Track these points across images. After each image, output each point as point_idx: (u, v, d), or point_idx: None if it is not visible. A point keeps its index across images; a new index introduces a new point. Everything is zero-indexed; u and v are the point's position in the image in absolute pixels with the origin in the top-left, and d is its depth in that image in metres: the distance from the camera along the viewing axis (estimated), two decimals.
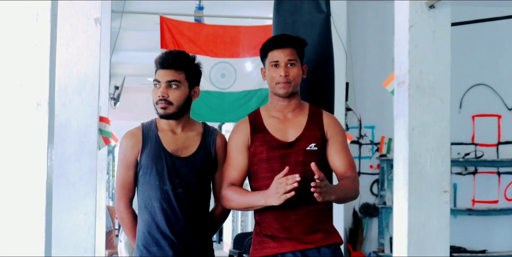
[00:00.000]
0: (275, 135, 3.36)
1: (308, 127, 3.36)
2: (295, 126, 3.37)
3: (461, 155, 8.08)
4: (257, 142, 3.37)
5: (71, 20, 4.81)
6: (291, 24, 4.18)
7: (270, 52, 3.40)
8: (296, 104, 3.42)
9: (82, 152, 4.78)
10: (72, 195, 4.76)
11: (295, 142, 3.33)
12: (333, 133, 3.38)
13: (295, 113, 3.41)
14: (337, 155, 3.36)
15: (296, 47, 3.41)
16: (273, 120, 3.40)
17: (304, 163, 3.29)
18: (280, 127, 3.38)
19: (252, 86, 7.65)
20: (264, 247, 3.32)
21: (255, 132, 3.39)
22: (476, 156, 8.12)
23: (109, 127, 6.00)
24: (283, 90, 3.35)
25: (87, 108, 4.82)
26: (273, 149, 3.33)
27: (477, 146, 8.18)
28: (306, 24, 4.17)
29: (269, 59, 3.39)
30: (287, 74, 3.34)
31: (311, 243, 3.29)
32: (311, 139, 3.34)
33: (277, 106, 3.41)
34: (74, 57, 4.83)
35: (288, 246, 3.29)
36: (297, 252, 3.28)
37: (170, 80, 3.39)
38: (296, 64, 3.38)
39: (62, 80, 4.77)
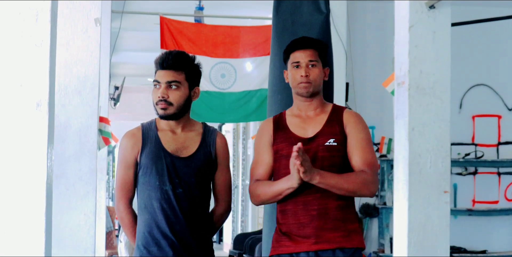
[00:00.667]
0: (295, 131, 3.41)
1: (327, 124, 3.40)
2: (315, 124, 3.42)
3: (461, 155, 8.08)
4: (278, 139, 3.42)
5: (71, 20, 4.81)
6: (291, 25, 4.18)
7: (292, 53, 3.45)
8: (318, 103, 3.46)
9: (82, 152, 4.78)
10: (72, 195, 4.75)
11: (314, 138, 3.37)
12: (352, 129, 3.38)
13: (317, 112, 3.45)
14: (354, 151, 3.35)
15: (318, 49, 3.46)
16: (295, 119, 3.46)
17: (323, 159, 3.33)
18: (301, 125, 3.43)
19: (252, 86, 7.65)
20: (281, 245, 3.34)
21: (277, 129, 3.45)
22: (476, 156, 8.12)
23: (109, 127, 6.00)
24: (304, 90, 3.40)
25: (87, 108, 4.82)
26: (293, 145, 3.35)
27: (477, 146, 8.18)
28: (305, 25, 4.17)
29: (291, 60, 3.45)
30: (307, 75, 3.39)
31: (326, 242, 3.27)
32: (330, 134, 3.37)
33: (300, 106, 3.47)
34: (74, 58, 4.83)
35: (302, 246, 3.30)
36: (311, 253, 3.29)
37: (170, 81, 3.39)
38: (317, 65, 3.43)
39: (62, 81, 4.77)
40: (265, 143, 3.46)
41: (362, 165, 3.33)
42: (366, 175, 3.30)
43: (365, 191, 3.31)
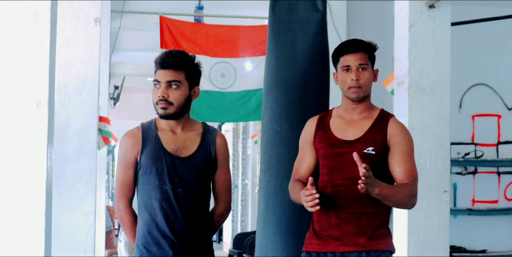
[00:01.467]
0: (336, 133, 3.39)
1: (370, 131, 3.36)
2: (357, 128, 3.39)
3: (461, 154, 8.07)
4: (317, 138, 3.42)
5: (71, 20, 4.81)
6: (287, 23, 4.17)
7: (342, 57, 3.41)
8: (365, 107, 3.42)
9: (81, 152, 4.79)
10: (72, 195, 4.76)
11: (353, 142, 3.34)
12: (396, 141, 3.34)
13: (362, 116, 3.42)
14: (397, 164, 3.32)
15: (367, 51, 3.44)
16: (339, 120, 3.44)
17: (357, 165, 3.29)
18: (343, 127, 3.41)
19: (252, 86, 7.65)
20: (311, 242, 3.37)
21: (319, 129, 3.44)
22: (476, 156, 8.12)
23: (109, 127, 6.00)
24: (354, 94, 3.37)
25: (87, 108, 4.82)
26: (331, 146, 3.36)
27: (477, 145, 8.17)
28: (302, 23, 4.17)
29: (341, 64, 3.41)
30: (358, 78, 3.36)
31: (353, 245, 3.28)
32: (371, 142, 3.33)
33: (346, 108, 3.44)
34: (74, 57, 4.83)
35: (330, 246, 3.31)
36: (337, 253, 3.30)
37: (170, 81, 3.39)
38: (367, 69, 3.40)
39: (62, 80, 4.78)
40: (307, 141, 3.46)
41: (406, 177, 3.29)
42: (412, 188, 3.27)
43: (409, 203, 3.30)
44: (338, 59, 3.43)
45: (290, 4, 4.18)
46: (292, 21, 4.16)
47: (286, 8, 4.19)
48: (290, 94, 4.13)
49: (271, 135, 4.15)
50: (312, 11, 4.17)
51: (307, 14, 4.17)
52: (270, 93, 4.21)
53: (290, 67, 4.14)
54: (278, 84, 4.17)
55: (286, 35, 4.16)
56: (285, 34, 4.16)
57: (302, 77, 4.08)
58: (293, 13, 4.18)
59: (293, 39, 4.14)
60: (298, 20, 4.16)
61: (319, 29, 4.16)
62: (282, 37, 4.17)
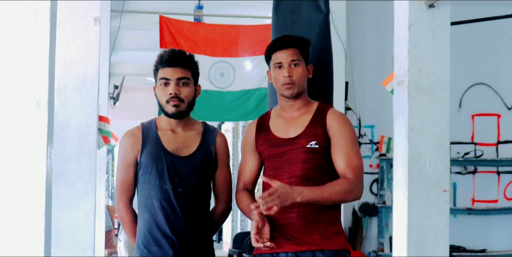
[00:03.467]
0: (277, 133, 3.37)
1: (310, 125, 3.34)
2: (297, 124, 3.37)
3: (460, 154, 8.08)
4: (260, 141, 3.40)
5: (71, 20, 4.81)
6: (290, 24, 4.17)
7: (274, 54, 3.40)
8: (302, 103, 3.41)
9: (81, 151, 4.78)
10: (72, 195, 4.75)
11: (295, 139, 3.32)
12: (335, 131, 3.32)
13: (301, 112, 3.40)
14: (338, 155, 3.30)
15: (299, 47, 3.41)
16: (279, 120, 3.42)
17: (305, 160, 3.29)
18: (283, 126, 3.39)
19: (251, 85, 7.65)
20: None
21: (259, 131, 3.42)
22: (476, 155, 8.12)
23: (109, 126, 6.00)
24: (288, 91, 3.35)
25: (87, 107, 4.82)
26: (274, 147, 3.34)
27: (476, 145, 8.18)
28: (305, 24, 4.17)
29: (273, 61, 3.40)
30: (290, 75, 3.34)
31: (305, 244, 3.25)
32: (312, 136, 3.31)
33: (284, 106, 3.43)
34: (74, 57, 4.83)
35: (282, 247, 3.28)
36: (290, 253, 3.27)
37: (181, 78, 3.38)
38: (300, 64, 3.37)
39: (62, 80, 4.77)
40: (248, 147, 3.45)
41: (345, 169, 3.27)
42: (347, 182, 3.23)
43: (350, 197, 3.25)
44: (270, 57, 3.41)
45: (293, 5, 4.18)
46: (295, 22, 4.17)
47: (289, 9, 4.19)
48: None
49: None
50: (315, 12, 4.17)
51: (310, 15, 4.17)
52: (274, 95, 4.22)
53: None
54: None
55: None
56: None
57: None
58: (297, 14, 4.18)
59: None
60: (301, 21, 4.17)
61: (323, 30, 4.17)
62: None
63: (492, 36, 8.17)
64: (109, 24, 8.03)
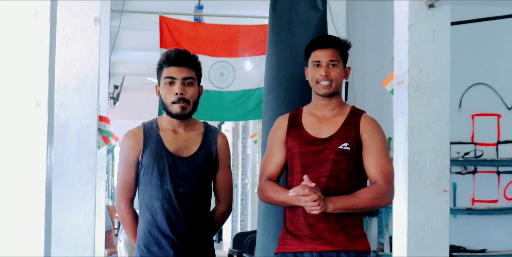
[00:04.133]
0: (309, 131, 3.39)
1: (343, 127, 3.37)
2: (330, 125, 3.39)
3: (460, 154, 8.07)
4: (291, 137, 3.40)
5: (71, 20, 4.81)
6: (287, 23, 4.17)
7: (313, 52, 3.41)
8: (336, 104, 3.43)
9: (81, 151, 4.78)
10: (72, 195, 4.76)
11: (328, 140, 3.35)
12: (367, 137, 3.35)
13: (334, 113, 3.42)
14: (368, 160, 3.34)
15: (339, 48, 3.44)
16: (311, 118, 3.43)
17: (335, 161, 3.31)
18: (316, 125, 3.40)
19: (251, 85, 7.65)
20: (286, 243, 3.35)
21: (291, 127, 3.43)
22: (476, 155, 8.11)
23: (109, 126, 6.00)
24: (323, 90, 3.38)
25: (87, 107, 4.82)
26: (306, 144, 3.35)
27: (476, 145, 8.17)
28: (302, 23, 4.17)
29: (311, 59, 3.41)
30: (327, 74, 3.36)
31: (331, 244, 3.27)
32: (345, 138, 3.34)
33: (317, 105, 3.44)
34: (74, 57, 4.83)
35: (307, 246, 3.30)
36: (315, 253, 3.29)
37: (187, 77, 3.37)
38: (338, 65, 3.40)
39: (62, 80, 4.78)
40: (277, 140, 3.45)
41: (377, 175, 3.31)
42: (378, 188, 3.27)
43: (381, 203, 3.30)
44: (309, 54, 3.44)
45: (290, 4, 4.18)
46: (292, 21, 4.17)
47: (286, 8, 4.19)
48: (291, 94, 4.14)
49: None
50: (312, 11, 4.17)
51: (307, 14, 4.17)
52: (270, 93, 4.22)
53: (290, 67, 4.15)
54: (279, 84, 4.17)
55: (287, 35, 4.16)
56: (286, 34, 4.16)
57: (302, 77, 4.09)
58: (293, 13, 4.18)
59: (294, 39, 4.15)
60: (298, 20, 4.17)
61: (319, 29, 4.17)
62: (282, 37, 4.17)
63: (492, 36, 8.17)
64: (109, 24, 8.03)
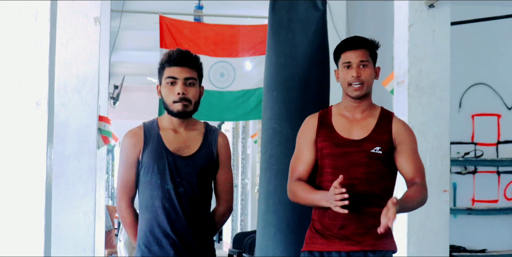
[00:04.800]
0: (340, 132, 3.37)
1: (376, 130, 3.37)
2: (362, 127, 3.38)
3: (460, 154, 8.07)
4: (321, 137, 3.39)
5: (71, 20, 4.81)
6: (287, 22, 4.17)
7: (343, 53, 3.40)
8: (367, 105, 3.42)
9: (81, 151, 4.79)
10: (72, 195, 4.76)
11: (360, 142, 3.34)
12: (402, 140, 3.37)
13: (365, 114, 3.41)
14: (406, 161, 3.36)
15: (369, 49, 3.42)
16: (341, 119, 3.42)
17: (367, 164, 3.32)
18: (346, 126, 3.39)
19: (251, 85, 7.65)
20: (314, 242, 3.35)
21: (322, 127, 3.41)
22: (476, 155, 8.11)
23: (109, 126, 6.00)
24: (356, 92, 3.36)
25: (87, 107, 4.82)
26: (337, 146, 3.35)
27: (476, 145, 8.17)
28: (301, 22, 4.17)
29: (342, 60, 3.40)
30: (359, 75, 3.34)
31: (359, 245, 3.28)
32: (378, 142, 3.34)
33: (348, 106, 3.42)
34: (74, 57, 4.83)
35: (335, 245, 3.30)
36: (343, 253, 3.29)
37: (188, 78, 3.37)
38: (369, 66, 3.38)
39: (62, 80, 4.78)
40: (307, 140, 3.42)
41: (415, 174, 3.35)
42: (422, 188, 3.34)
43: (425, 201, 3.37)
44: (339, 56, 3.41)
45: (290, 3, 4.18)
46: (292, 20, 4.16)
47: (286, 8, 4.19)
48: (290, 93, 4.14)
49: (271, 134, 4.15)
50: (312, 10, 4.17)
51: (307, 13, 4.17)
52: (270, 93, 4.22)
53: (290, 66, 4.14)
54: (278, 83, 4.17)
55: (286, 34, 4.16)
56: (285, 34, 4.16)
57: (302, 76, 4.09)
58: (293, 12, 4.18)
59: (293, 39, 4.14)
60: (298, 19, 4.16)
61: (319, 28, 4.16)
62: (282, 36, 4.17)
63: (492, 36, 8.17)
64: (109, 24, 8.03)
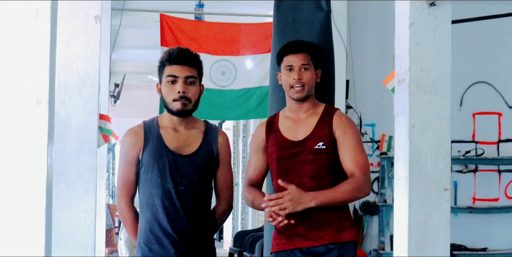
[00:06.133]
0: (286, 135, 3.49)
1: (317, 127, 3.47)
2: (305, 126, 3.49)
3: (461, 152, 8.07)
4: (270, 142, 3.52)
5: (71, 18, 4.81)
6: (292, 23, 4.17)
7: (285, 57, 3.53)
8: (310, 105, 3.53)
9: (82, 150, 4.78)
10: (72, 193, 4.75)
11: (304, 141, 3.44)
12: (341, 133, 3.45)
13: (308, 114, 3.52)
14: (345, 155, 3.44)
15: (310, 52, 3.55)
16: (287, 121, 3.53)
17: (313, 161, 3.42)
18: (292, 128, 3.51)
19: (252, 84, 7.65)
20: (277, 242, 3.46)
21: (270, 133, 3.54)
22: (477, 154, 8.11)
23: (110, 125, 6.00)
24: (297, 94, 3.49)
25: (87, 106, 4.82)
26: (283, 148, 3.47)
27: (477, 143, 8.17)
28: (306, 23, 4.17)
29: (284, 64, 3.54)
30: (300, 78, 3.47)
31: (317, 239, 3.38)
32: (320, 138, 3.43)
33: (292, 108, 3.55)
34: (74, 55, 4.82)
35: (295, 243, 3.40)
36: (304, 249, 3.39)
37: (189, 76, 3.38)
38: (310, 69, 3.51)
39: (62, 78, 4.77)
40: (256, 147, 3.57)
41: (353, 168, 3.42)
42: (356, 180, 3.39)
43: (360, 195, 3.42)
44: (282, 59, 3.55)
45: (295, 4, 4.19)
46: (296, 21, 4.18)
47: (290, 8, 4.20)
48: None
49: None
50: (317, 11, 4.18)
51: (312, 13, 4.17)
52: (275, 93, 4.22)
53: None
54: None
55: (291, 35, 4.16)
56: (290, 34, 4.17)
57: None
58: (298, 12, 4.19)
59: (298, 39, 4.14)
60: (302, 19, 4.17)
61: (324, 28, 4.17)
62: (286, 37, 4.17)
63: (493, 35, 8.17)
64: (109, 22, 8.03)
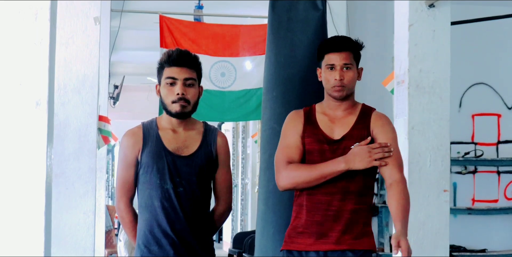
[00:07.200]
0: (324, 130, 3.38)
1: (355, 127, 3.38)
2: (342, 126, 3.39)
3: (460, 154, 8.07)
4: (307, 133, 3.39)
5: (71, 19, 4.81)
6: (287, 22, 4.17)
7: (327, 54, 3.39)
8: (349, 105, 3.43)
9: (81, 151, 4.78)
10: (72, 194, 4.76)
11: (340, 141, 3.35)
12: (378, 132, 3.37)
13: (346, 113, 3.42)
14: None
15: (353, 51, 3.41)
16: (324, 117, 3.42)
17: None
18: (329, 125, 3.40)
19: (252, 85, 7.65)
20: (293, 241, 3.34)
21: (307, 123, 3.41)
22: (476, 155, 8.11)
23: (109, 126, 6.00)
24: (337, 93, 3.37)
25: (86, 107, 4.82)
26: (320, 143, 3.36)
27: (476, 145, 8.17)
28: (301, 22, 4.17)
29: (325, 62, 3.39)
30: (342, 78, 3.35)
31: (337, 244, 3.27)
32: (357, 138, 3.35)
33: (330, 105, 3.44)
34: (74, 56, 4.83)
35: (313, 245, 3.29)
36: (321, 252, 3.28)
37: (188, 78, 3.37)
38: (352, 68, 3.38)
39: (62, 79, 4.78)
40: (296, 130, 3.40)
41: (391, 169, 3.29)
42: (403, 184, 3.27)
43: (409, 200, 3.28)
44: (322, 56, 3.41)
45: (290, 3, 4.18)
46: (291, 20, 4.16)
47: (285, 7, 4.19)
48: (290, 93, 4.13)
49: (270, 134, 4.15)
50: (312, 10, 4.17)
51: (307, 13, 4.17)
52: (269, 92, 4.22)
53: (289, 66, 4.14)
54: (278, 83, 4.17)
55: (286, 34, 4.16)
56: (285, 33, 4.16)
57: (301, 76, 4.09)
58: (293, 12, 4.18)
59: (293, 38, 4.14)
60: (297, 19, 4.16)
61: (319, 28, 4.17)
62: (281, 36, 4.17)
63: (492, 36, 8.17)
64: (109, 24, 8.03)
